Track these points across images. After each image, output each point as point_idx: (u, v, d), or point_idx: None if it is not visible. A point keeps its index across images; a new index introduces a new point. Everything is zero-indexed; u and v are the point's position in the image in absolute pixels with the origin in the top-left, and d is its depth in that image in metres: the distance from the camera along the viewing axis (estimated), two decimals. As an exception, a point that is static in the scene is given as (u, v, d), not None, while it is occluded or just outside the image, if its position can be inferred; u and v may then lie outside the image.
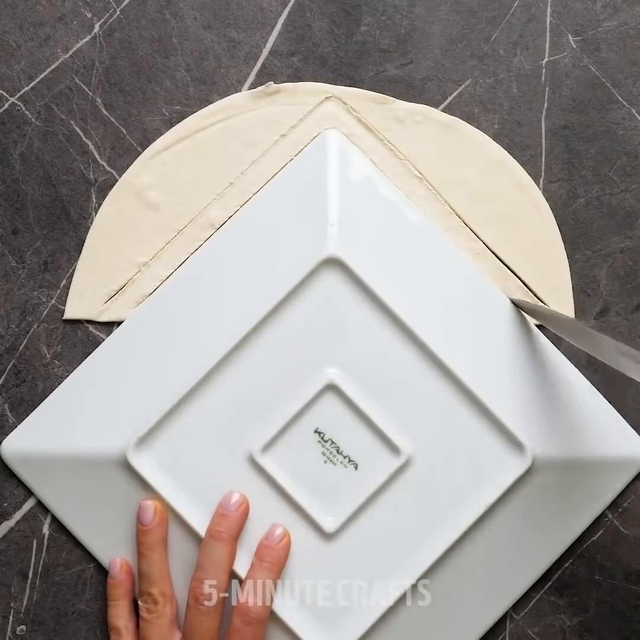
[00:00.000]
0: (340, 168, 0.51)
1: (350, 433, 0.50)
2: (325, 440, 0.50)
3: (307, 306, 0.50)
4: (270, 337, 0.50)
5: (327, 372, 0.50)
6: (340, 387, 0.49)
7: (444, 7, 0.53)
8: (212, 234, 0.52)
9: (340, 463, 0.50)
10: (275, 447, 0.50)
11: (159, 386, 0.50)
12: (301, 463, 0.50)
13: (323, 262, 0.49)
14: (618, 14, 0.53)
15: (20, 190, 0.53)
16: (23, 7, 0.53)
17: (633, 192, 0.53)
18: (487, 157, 0.53)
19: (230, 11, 0.53)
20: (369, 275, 0.49)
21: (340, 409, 0.50)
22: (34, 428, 0.52)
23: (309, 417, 0.50)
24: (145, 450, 0.50)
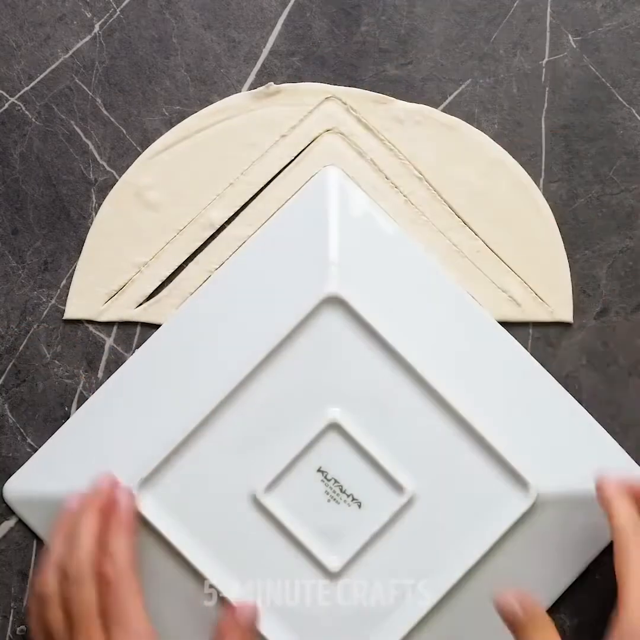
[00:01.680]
0: (340, 205, 0.51)
1: (353, 471, 0.49)
2: (329, 479, 0.50)
3: (308, 345, 0.49)
4: (272, 376, 0.49)
5: (329, 411, 0.49)
6: (343, 426, 0.49)
7: (444, 7, 0.53)
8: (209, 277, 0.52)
9: (343, 502, 0.50)
10: (278, 487, 0.49)
11: (161, 427, 0.50)
12: (304, 502, 0.49)
13: (324, 300, 0.49)
14: (618, 14, 0.53)
15: (20, 190, 0.53)
16: (23, 7, 0.53)
17: (633, 192, 0.53)
18: (487, 157, 0.53)
19: (230, 11, 0.53)
20: (370, 313, 0.49)
21: (343, 448, 0.49)
22: (36, 470, 0.52)
23: (311, 456, 0.49)
24: (148, 491, 0.49)
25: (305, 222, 0.51)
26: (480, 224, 0.53)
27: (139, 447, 0.50)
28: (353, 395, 0.50)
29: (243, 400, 0.49)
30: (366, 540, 0.49)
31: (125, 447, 0.50)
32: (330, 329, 0.50)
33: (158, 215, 0.53)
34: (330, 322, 0.50)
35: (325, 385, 0.50)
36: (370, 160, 0.53)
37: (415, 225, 0.53)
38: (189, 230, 0.53)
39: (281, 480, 0.49)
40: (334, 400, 0.50)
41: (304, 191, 0.52)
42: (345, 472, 0.50)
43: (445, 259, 0.53)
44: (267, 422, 0.50)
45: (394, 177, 0.53)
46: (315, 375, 0.50)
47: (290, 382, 0.50)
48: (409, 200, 0.53)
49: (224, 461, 0.50)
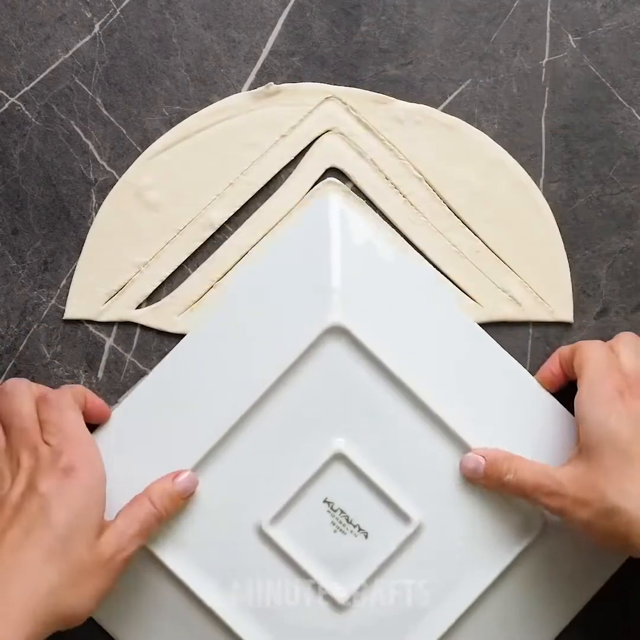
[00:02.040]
0: (342, 233, 0.51)
1: (359, 502, 0.49)
2: (335, 509, 0.50)
3: (311, 375, 0.49)
4: (276, 408, 0.49)
5: (334, 441, 0.49)
6: (348, 456, 0.49)
7: (444, 7, 0.53)
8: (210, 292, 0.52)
9: (350, 532, 0.50)
10: (284, 518, 0.49)
11: (165, 458, 0.50)
12: (311, 533, 0.50)
13: (327, 330, 0.49)
14: (618, 14, 0.53)
15: (20, 190, 0.53)
16: (23, 7, 0.53)
17: (633, 192, 0.53)
18: (487, 157, 0.53)
19: (230, 11, 0.53)
20: (374, 342, 0.49)
21: (349, 478, 0.49)
22: None
23: (317, 487, 0.49)
24: None
25: (307, 250, 0.51)
26: (480, 224, 0.53)
27: (146, 478, 0.49)
28: (358, 425, 0.50)
29: (247, 432, 0.49)
30: (373, 571, 0.49)
31: (129, 481, 0.50)
32: (333, 358, 0.49)
33: (158, 215, 0.53)
34: (333, 352, 0.49)
35: (330, 415, 0.50)
36: (370, 160, 0.53)
37: (415, 225, 0.53)
38: (189, 230, 0.53)
39: (287, 512, 0.49)
40: (338, 430, 0.50)
41: (305, 218, 0.52)
42: (351, 502, 0.50)
43: (445, 259, 0.53)
44: (272, 454, 0.50)
45: (393, 177, 0.53)
46: (319, 405, 0.50)
47: (294, 413, 0.49)
48: (409, 201, 0.53)
49: (229, 494, 0.50)
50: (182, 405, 0.50)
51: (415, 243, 0.53)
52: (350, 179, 0.53)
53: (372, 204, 0.53)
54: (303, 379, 0.49)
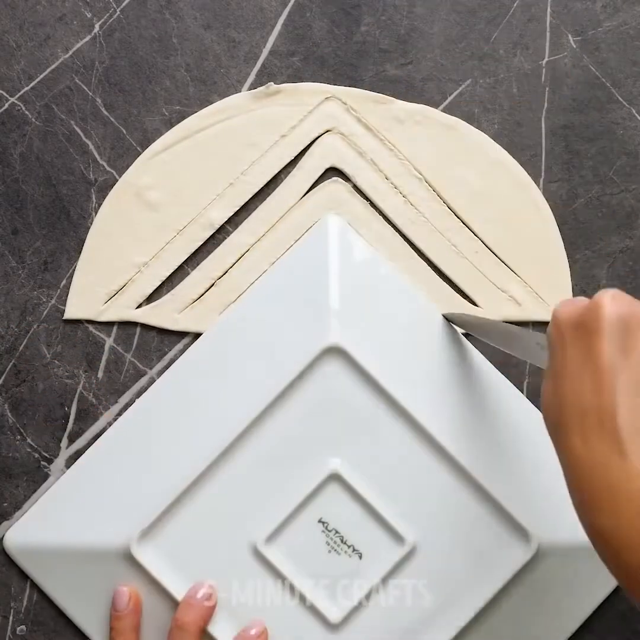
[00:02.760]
0: (341, 255, 0.51)
1: (354, 522, 0.49)
2: (329, 529, 0.50)
3: (309, 395, 0.49)
4: (272, 427, 0.49)
5: (330, 461, 0.50)
6: (344, 477, 0.49)
7: (444, 7, 0.53)
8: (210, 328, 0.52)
9: (344, 552, 0.50)
10: (279, 538, 0.49)
11: (162, 478, 0.50)
12: (305, 553, 0.49)
13: (325, 350, 0.49)
14: (618, 14, 0.53)
15: (20, 190, 0.53)
16: (23, 7, 0.53)
17: (633, 192, 0.53)
18: (487, 157, 0.53)
19: (230, 11, 0.53)
20: (371, 363, 0.49)
21: (344, 499, 0.49)
22: (37, 520, 0.52)
23: (312, 507, 0.49)
24: (149, 543, 0.49)
25: (306, 271, 0.51)
26: (480, 224, 0.53)
27: (139, 498, 0.50)
28: (354, 446, 0.50)
29: (243, 450, 0.49)
30: (367, 591, 0.49)
31: (125, 498, 0.50)
32: (331, 379, 0.50)
33: (158, 215, 0.53)
34: (331, 372, 0.50)
35: (326, 435, 0.50)
36: (370, 160, 0.53)
37: (415, 225, 0.53)
38: (189, 230, 0.53)
39: (282, 531, 0.49)
40: (334, 450, 0.50)
41: (305, 240, 0.52)
42: (346, 523, 0.50)
43: (445, 259, 0.53)
44: (268, 473, 0.50)
45: (393, 177, 0.53)
46: (316, 425, 0.50)
47: (291, 433, 0.50)
48: (409, 201, 0.53)
49: (225, 513, 0.50)
50: (178, 423, 0.50)
51: (415, 243, 0.53)
52: (350, 179, 0.53)
53: (372, 204, 0.53)
54: (300, 399, 0.49)
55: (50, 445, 0.53)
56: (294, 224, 0.53)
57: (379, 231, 0.53)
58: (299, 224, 0.53)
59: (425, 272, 0.53)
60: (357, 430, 0.50)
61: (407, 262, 0.53)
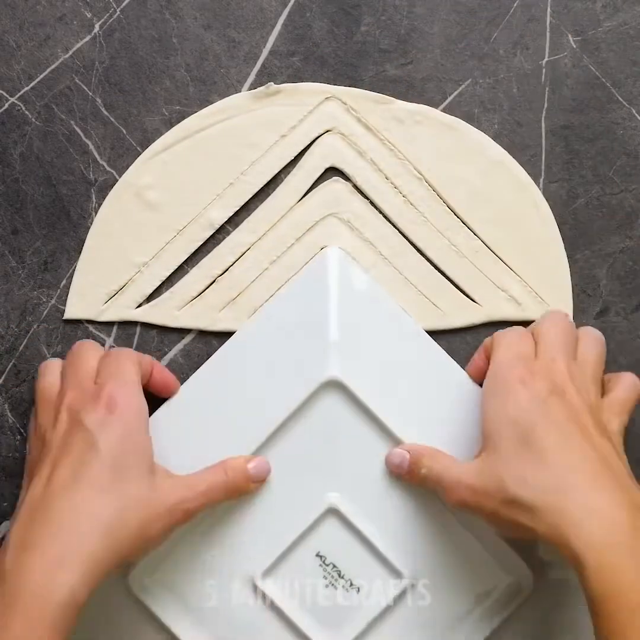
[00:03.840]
0: (340, 288, 0.51)
1: (351, 557, 0.49)
2: (327, 564, 0.49)
3: (307, 428, 0.49)
4: (270, 460, 0.49)
5: (328, 495, 0.49)
6: (342, 511, 0.49)
7: (444, 7, 0.53)
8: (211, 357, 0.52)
9: (342, 587, 0.49)
10: (276, 572, 0.49)
11: None
12: (303, 587, 0.49)
13: (324, 384, 0.49)
14: (618, 14, 0.53)
15: (20, 190, 0.53)
16: (23, 7, 0.53)
17: (633, 192, 0.53)
18: (487, 157, 0.53)
19: (230, 11, 0.53)
20: (370, 397, 0.49)
21: (342, 533, 0.49)
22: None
23: (310, 541, 0.49)
24: (147, 576, 0.49)
25: (305, 303, 0.51)
26: (480, 224, 0.53)
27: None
28: (352, 480, 0.49)
29: None
30: (364, 626, 0.49)
31: None
32: (329, 412, 0.49)
33: (158, 215, 0.53)
34: (329, 406, 0.49)
35: (324, 469, 0.50)
36: (370, 160, 0.53)
37: (415, 225, 0.53)
38: (189, 230, 0.53)
39: (279, 565, 0.49)
40: (332, 484, 0.49)
41: (304, 272, 0.52)
42: (343, 557, 0.49)
43: (445, 259, 0.53)
44: (266, 507, 0.49)
45: (393, 177, 0.53)
46: (314, 459, 0.49)
47: (289, 466, 0.49)
48: (409, 201, 0.53)
49: (222, 546, 0.49)
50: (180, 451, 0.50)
51: (415, 243, 0.53)
52: (350, 179, 0.53)
53: (372, 204, 0.53)
54: (299, 431, 0.49)
55: (50, 445, 0.53)
56: (294, 224, 0.53)
57: (379, 231, 0.53)
58: (300, 223, 0.53)
59: (426, 272, 0.53)
60: (356, 464, 0.49)
61: (408, 262, 0.53)
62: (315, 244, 0.53)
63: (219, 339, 0.53)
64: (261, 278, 0.53)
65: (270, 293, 0.53)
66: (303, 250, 0.53)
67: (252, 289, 0.53)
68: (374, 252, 0.53)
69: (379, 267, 0.53)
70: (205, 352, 0.53)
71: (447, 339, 0.53)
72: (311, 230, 0.53)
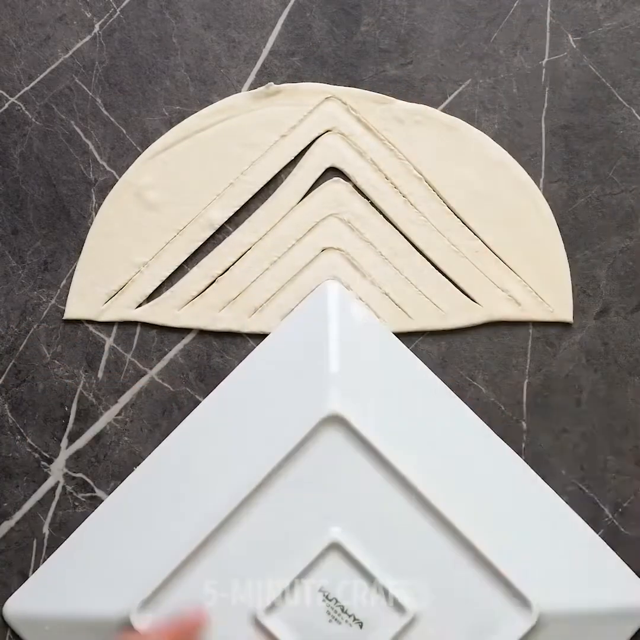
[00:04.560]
0: (340, 322, 0.51)
1: (354, 591, 0.49)
2: (330, 599, 0.49)
3: (309, 463, 0.49)
4: (272, 496, 0.49)
5: (330, 530, 0.49)
6: (344, 546, 0.49)
7: (444, 7, 0.53)
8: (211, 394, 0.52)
9: (345, 622, 0.49)
10: (279, 607, 0.49)
11: (160, 548, 0.50)
12: (306, 623, 0.49)
13: (325, 419, 0.49)
14: (618, 14, 0.53)
15: (20, 190, 0.53)
16: (23, 7, 0.53)
17: (633, 192, 0.53)
18: (487, 157, 0.53)
19: (230, 11, 0.53)
20: (371, 431, 0.49)
21: (345, 568, 0.49)
22: (36, 590, 0.51)
23: (312, 576, 0.49)
24: (149, 613, 0.49)
25: (305, 339, 0.51)
26: (480, 224, 0.53)
27: (139, 568, 0.49)
28: (354, 514, 0.49)
29: (242, 520, 0.49)
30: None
31: (125, 568, 0.50)
32: (330, 447, 0.49)
33: (158, 215, 0.53)
34: (330, 441, 0.49)
35: (326, 504, 0.49)
36: (370, 160, 0.53)
37: (415, 225, 0.53)
38: (189, 230, 0.53)
39: (282, 601, 0.49)
40: (334, 518, 0.49)
41: (304, 306, 0.52)
42: (346, 592, 0.49)
43: (445, 259, 0.53)
44: (268, 543, 0.49)
45: (393, 177, 0.53)
46: (316, 493, 0.49)
47: (290, 502, 0.49)
48: (409, 201, 0.53)
49: (224, 582, 0.49)
50: (180, 490, 0.50)
51: (415, 243, 0.53)
52: (350, 179, 0.53)
53: (372, 204, 0.53)
54: (300, 467, 0.49)
55: (50, 445, 0.53)
56: (294, 224, 0.53)
57: (379, 231, 0.53)
58: (300, 223, 0.53)
59: (426, 272, 0.53)
60: (358, 498, 0.49)
61: (408, 262, 0.53)
62: (316, 245, 0.53)
63: (219, 339, 0.53)
64: (261, 278, 0.53)
65: (271, 293, 0.53)
66: (303, 251, 0.53)
67: (252, 289, 0.53)
68: (374, 252, 0.53)
69: (379, 267, 0.53)
70: (205, 352, 0.53)
71: (447, 339, 0.53)
72: (312, 230, 0.53)
